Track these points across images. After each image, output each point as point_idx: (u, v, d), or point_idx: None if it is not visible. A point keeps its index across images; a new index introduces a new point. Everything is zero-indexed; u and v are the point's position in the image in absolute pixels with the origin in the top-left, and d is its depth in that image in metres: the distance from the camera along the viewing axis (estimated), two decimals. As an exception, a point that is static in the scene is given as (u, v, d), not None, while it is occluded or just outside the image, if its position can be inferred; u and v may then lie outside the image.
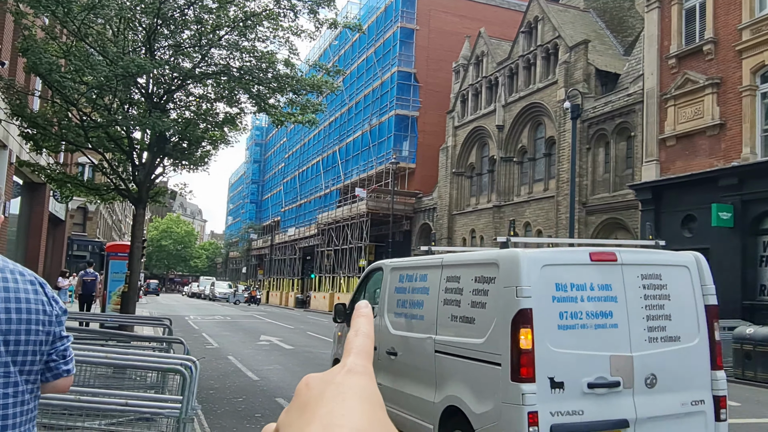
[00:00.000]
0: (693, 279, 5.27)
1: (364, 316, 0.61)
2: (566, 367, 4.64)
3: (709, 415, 5.10)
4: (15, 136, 14.41)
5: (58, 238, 26.64)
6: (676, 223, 20.08)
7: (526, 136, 31.57)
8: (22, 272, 1.81)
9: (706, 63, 19.74)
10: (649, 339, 4.95)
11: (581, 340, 4.74)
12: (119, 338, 8.25)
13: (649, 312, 4.99)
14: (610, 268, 4.99)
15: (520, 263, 4.76)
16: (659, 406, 4.87)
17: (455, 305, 5.56)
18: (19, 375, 1.73)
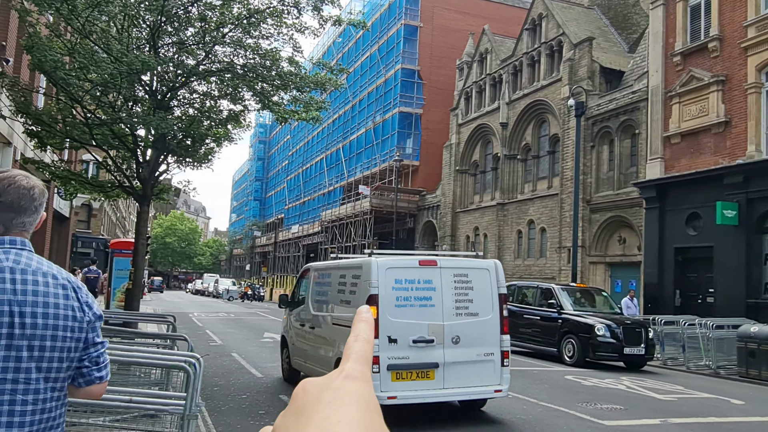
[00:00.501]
0: (491, 277, 8.18)
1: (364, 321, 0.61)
2: (399, 330, 7.47)
3: (497, 362, 7.94)
4: (20, 134, 14.44)
5: (62, 235, 26.70)
6: (681, 221, 20.02)
7: (530, 133, 31.50)
8: (55, 275, 1.76)
9: (711, 60, 19.67)
10: (456, 314, 7.80)
11: (410, 314, 7.59)
12: (123, 335, 8.27)
13: (457, 297, 7.85)
14: (432, 270, 7.88)
15: (372, 266, 7.63)
16: (461, 356, 7.69)
17: (342, 293, 8.62)
18: (44, 382, 1.67)
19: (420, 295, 7.71)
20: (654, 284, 20.81)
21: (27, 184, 1.81)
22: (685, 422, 8.53)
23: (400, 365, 7.47)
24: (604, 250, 25.45)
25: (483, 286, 8.09)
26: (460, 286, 7.95)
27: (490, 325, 7.98)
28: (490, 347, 7.93)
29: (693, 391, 11.45)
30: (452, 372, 7.64)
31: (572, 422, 8.18)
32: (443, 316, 7.72)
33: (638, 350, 14.38)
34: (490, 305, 8.06)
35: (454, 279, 7.94)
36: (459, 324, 7.79)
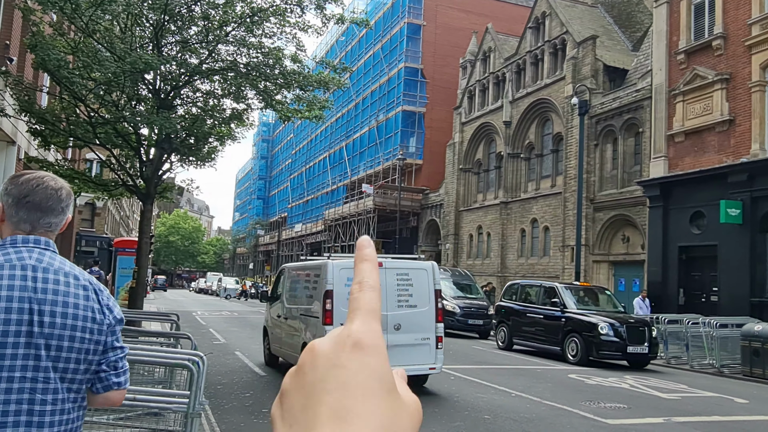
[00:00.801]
0: (428, 276, 9.81)
1: (367, 259, 0.54)
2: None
3: (432, 345, 9.53)
4: (23, 133, 14.47)
5: (66, 234, 26.75)
6: (685, 220, 19.98)
7: (533, 132, 31.46)
8: (77, 276, 1.75)
9: (715, 58, 19.61)
10: (398, 306, 9.39)
11: None
12: (127, 333, 8.28)
13: (399, 292, 9.45)
14: (383, 271, 9.25)
15: (328, 268, 9.37)
16: (402, 340, 9.22)
17: (307, 289, 10.41)
18: (60, 382, 1.66)
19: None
20: (658, 283, 20.77)
21: (55, 185, 1.81)
22: (688, 421, 8.51)
23: None
24: (607, 248, 25.41)
25: (421, 284, 9.81)
26: (402, 284, 9.68)
27: (427, 316, 9.71)
28: (426, 333, 9.65)
29: (697, 390, 11.43)
30: (394, 353, 8.99)
31: (576, 421, 8.17)
32: (387, 307, 9.30)
33: (642, 349, 14.36)
34: (427, 299, 9.78)
35: (396, 278, 9.62)
36: (400, 314, 9.49)
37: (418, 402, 0.52)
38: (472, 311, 21.89)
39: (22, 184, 1.76)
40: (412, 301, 9.60)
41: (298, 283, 11.20)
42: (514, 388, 10.49)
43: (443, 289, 20.58)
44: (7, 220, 1.75)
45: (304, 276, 10.89)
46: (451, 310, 21.82)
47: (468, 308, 21.93)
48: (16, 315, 1.61)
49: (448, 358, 14.73)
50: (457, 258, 36.53)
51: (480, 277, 31.85)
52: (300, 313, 10.50)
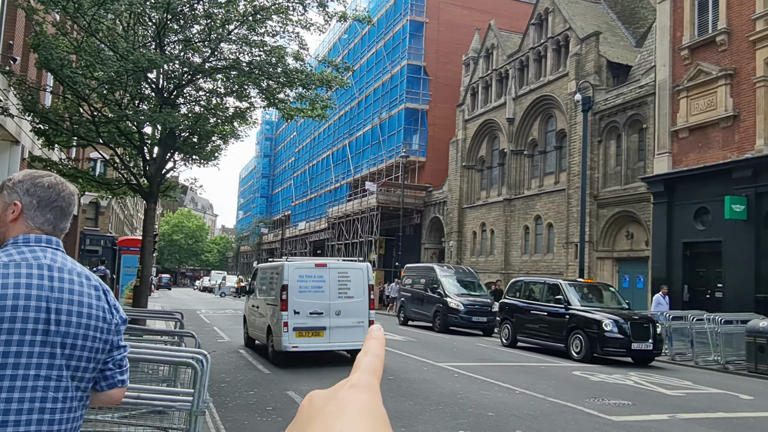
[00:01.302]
0: (364, 274, 12.48)
1: (375, 338, 0.62)
2: (301, 306, 11.72)
3: (365, 326, 11.75)
4: (27, 132, 14.50)
5: (70, 233, 26.82)
6: (689, 216, 19.93)
7: (536, 128, 31.41)
8: (88, 276, 1.80)
9: (719, 54, 19.53)
10: (338, 297, 12.05)
11: (308, 296, 11.82)
12: (131, 332, 8.30)
13: (339, 286, 12.08)
14: (323, 269, 12.17)
15: (285, 267, 12.00)
16: (341, 323, 11.89)
17: (270, 284, 13.03)
18: (71, 380, 1.69)
19: (315, 284, 12.14)
20: (662, 279, 20.72)
21: (72, 190, 1.89)
22: (693, 417, 8.50)
23: (301, 327, 11.88)
24: (611, 245, 25.36)
25: (357, 280, 12.46)
26: (342, 279, 12.34)
27: (362, 304, 12.33)
28: (361, 318, 12.21)
29: (701, 387, 11.41)
30: (335, 332, 12.07)
31: (580, 418, 8.17)
32: (329, 297, 12.13)
33: (646, 345, 14.34)
34: (362, 292, 12.43)
35: (338, 275, 12.36)
36: (340, 303, 12.18)
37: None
38: (476, 308, 21.88)
39: (49, 188, 1.82)
40: (350, 293, 12.35)
41: (264, 280, 13.86)
42: (518, 385, 10.49)
43: (447, 286, 22.12)
44: (27, 221, 1.79)
45: (269, 273, 13.52)
46: (454, 307, 21.84)
47: (472, 305, 21.92)
48: (33, 313, 1.63)
49: (451, 355, 14.75)
50: (461, 255, 36.52)
51: (484, 274, 31.83)
52: (266, 302, 13.14)
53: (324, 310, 12.04)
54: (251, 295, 15.00)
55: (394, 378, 10.84)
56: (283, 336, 11.79)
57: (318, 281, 12.20)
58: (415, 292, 24.83)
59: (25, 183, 1.82)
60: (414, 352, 14.87)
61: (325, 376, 11.09)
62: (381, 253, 42.73)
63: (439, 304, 22.49)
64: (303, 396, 8.19)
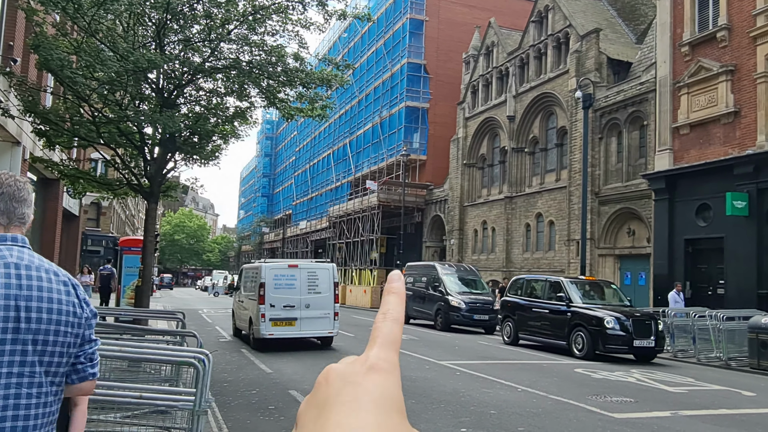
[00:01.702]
0: (330, 273, 14.78)
1: (394, 292, 0.56)
2: (276, 301, 14.05)
3: (331, 317, 14.36)
4: (28, 133, 14.51)
5: (72, 234, 26.84)
6: (691, 213, 19.91)
7: (537, 126, 31.38)
8: (56, 272, 1.81)
9: (719, 50, 19.50)
10: (308, 292, 14.34)
11: (282, 292, 14.14)
12: (134, 332, 8.31)
13: (309, 283, 14.37)
14: (295, 269, 14.53)
15: (262, 267, 14.48)
16: (310, 314, 14.24)
17: (251, 282, 15.15)
18: (44, 376, 1.71)
19: (288, 282, 14.42)
20: (664, 276, 20.72)
21: (21, 178, 1.90)
22: (696, 414, 8.50)
23: (276, 318, 14.15)
24: (613, 242, 25.35)
25: (324, 277, 14.79)
26: (311, 277, 14.65)
27: (328, 298, 14.59)
28: (327, 310, 14.55)
29: (704, 383, 11.41)
30: (305, 322, 14.42)
31: (582, 415, 8.17)
32: (300, 293, 14.44)
33: (648, 342, 14.33)
34: (328, 287, 14.71)
35: (307, 273, 14.67)
36: (309, 297, 14.45)
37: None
38: (478, 306, 21.88)
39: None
40: (318, 289, 14.62)
41: (248, 278, 16.20)
42: (520, 383, 10.49)
43: (448, 284, 22.40)
44: None
45: (251, 273, 15.89)
46: (456, 305, 21.84)
47: (473, 303, 21.93)
48: (2, 312, 1.65)
49: (453, 353, 14.76)
50: (462, 253, 36.51)
51: (485, 272, 31.82)
52: (248, 298, 15.42)
53: (296, 304, 14.39)
54: (237, 291, 17.65)
55: (396, 376, 10.83)
56: (261, 325, 14.14)
57: (291, 279, 14.57)
58: (416, 290, 24.83)
59: None
60: (416, 351, 14.88)
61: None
62: (382, 252, 42.72)
63: (441, 302, 22.49)
64: (305, 395, 8.20)
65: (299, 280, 14.55)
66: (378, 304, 4.32)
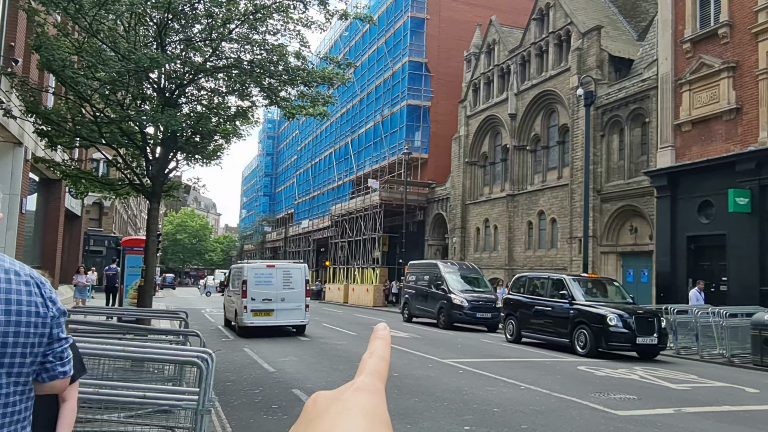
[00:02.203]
0: (302, 271, 17.81)
1: (380, 338, 0.62)
2: (256, 295, 16.96)
3: (302, 309, 17.28)
4: (30, 133, 14.53)
5: (74, 234, 26.88)
6: (693, 210, 19.89)
7: (539, 124, 31.36)
8: (17, 271, 1.76)
9: (721, 47, 19.47)
10: (283, 288, 17.26)
11: (261, 288, 17.03)
12: (137, 332, 8.32)
13: (284, 280, 17.31)
14: (272, 269, 17.61)
15: (244, 268, 17.67)
16: (285, 306, 17.15)
17: (237, 279, 18.02)
18: (6, 377, 1.68)
19: (266, 279, 17.25)
20: (666, 273, 20.70)
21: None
22: (699, 411, 8.49)
23: (256, 309, 16.92)
24: (615, 239, 25.33)
25: (297, 275, 17.67)
26: (286, 275, 17.48)
27: (300, 293, 17.39)
28: (300, 303, 17.37)
29: (707, 380, 11.40)
30: (281, 313, 17.19)
31: (585, 412, 8.17)
32: (276, 288, 17.18)
33: (651, 340, 14.33)
34: (300, 284, 17.50)
35: (282, 272, 17.51)
36: (284, 292, 17.22)
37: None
38: (480, 305, 21.88)
39: None
40: (291, 285, 17.45)
41: (234, 277, 18.98)
42: (523, 381, 10.49)
43: (450, 282, 23.63)
44: None
45: (236, 272, 18.82)
46: (459, 303, 21.84)
47: (476, 302, 21.92)
48: None
49: (455, 351, 14.77)
50: (465, 251, 36.51)
51: (487, 270, 31.81)
52: (235, 293, 18.15)
53: (273, 297, 17.22)
54: (226, 288, 21.00)
55: (399, 375, 10.85)
56: (244, 316, 17.05)
57: (269, 277, 17.37)
58: (419, 288, 24.84)
59: None
60: (418, 349, 14.88)
61: (332, 374, 11.11)
62: (385, 251, 42.72)
63: (443, 300, 22.49)
64: (308, 394, 8.16)
65: (276, 278, 17.42)
66: (380, 303, 4.34)
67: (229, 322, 19.50)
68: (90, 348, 4.58)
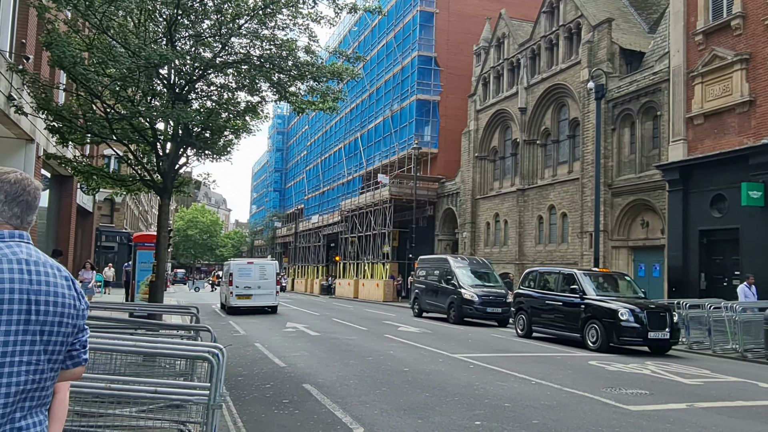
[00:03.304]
0: (273, 267, 25.75)
1: None
2: (240, 283, 24.34)
3: (273, 295, 24.91)
4: (42, 130, 14.61)
5: (86, 230, 27.06)
6: (705, 203, 19.73)
7: (549, 118, 31.20)
8: (59, 267, 1.96)
9: (734, 38, 19.26)
10: (260, 279, 24.68)
11: (243, 278, 24.41)
12: (148, 327, 8.36)
13: (260, 273, 24.94)
14: (252, 264, 25.77)
15: (231, 264, 25.89)
16: (261, 292, 24.51)
17: (227, 273, 26.14)
18: (47, 363, 1.87)
19: (247, 272, 24.40)
20: (678, 268, 20.57)
21: (37, 185, 2.05)
22: (712, 406, 8.43)
23: (240, 294, 23.95)
24: (626, 234, 25.18)
25: (270, 270, 24.96)
26: (261, 270, 24.55)
27: (272, 283, 24.64)
28: (272, 290, 24.62)
29: (720, 375, 11.32)
30: (257, 297, 24.11)
31: (597, 407, 8.13)
32: (254, 279, 24.25)
33: (663, 334, 14.24)
34: (272, 276, 24.76)
35: (259, 267, 24.69)
36: (260, 282, 24.28)
37: None
38: (491, 299, 21.84)
39: (15, 183, 1.98)
40: (266, 277, 24.45)
41: (226, 270, 25.53)
42: (534, 376, 10.46)
43: (461, 277, 23.40)
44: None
45: (226, 267, 25.58)
46: (469, 298, 21.81)
47: (486, 296, 21.89)
48: (17, 305, 1.81)
49: (466, 346, 14.76)
50: (475, 246, 36.44)
51: (498, 265, 31.74)
52: (225, 282, 25.08)
53: (252, 285, 24.29)
54: (222, 281, 28.74)
55: (410, 370, 10.85)
56: (230, 299, 24.32)
57: (249, 271, 24.68)
58: (429, 283, 24.82)
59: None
60: (429, 344, 14.88)
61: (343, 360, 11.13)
62: (395, 246, 42.72)
63: (454, 295, 22.47)
64: (319, 389, 8.21)
65: (254, 272, 24.68)
66: (390, 298, 4.31)
67: (223, 305, 26.64)
68: (102, 343, 4.60)
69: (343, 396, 8.47)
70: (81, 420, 4.71)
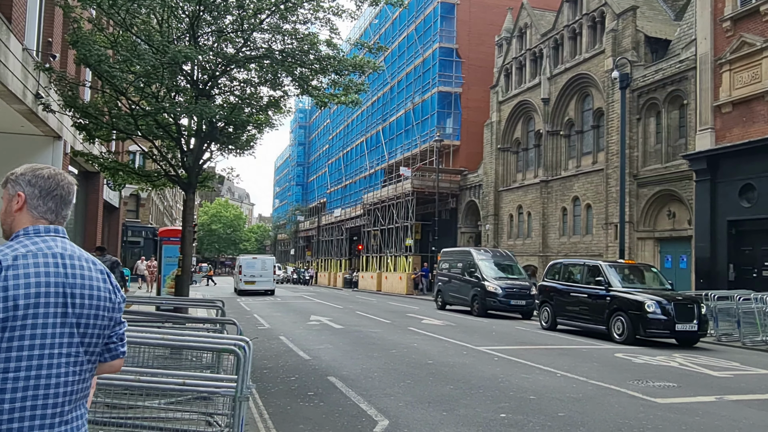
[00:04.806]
0: (272, 261, 38.42)
1: None
2: (246, 272, 36.02)
3: (271, 281, 36.84)
4: (68, 127, 14.84)
5: (113, 225, 27.45)
6: (734, 193, 19.38)
7: (573, 108, 30.85)
8: (94, 261, 2.00)
9: (763, 24, 18.84)
10: (261, 269, 36.18)
11: (250, 269, 36.24)
12: (175, 320, 8.47)
13: (262, 265, 36.60)
14: (257, 259, 37.90)
15: (241, 258, 38.37)
16: (262, 278, 36.08)
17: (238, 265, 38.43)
18: (85, 355, 1.91)
19: (252, 264, 36.28)
20: (706, 259, 20.25)
21: (71, 180, 2.09)
22: (742, 399, 8.31)
23: (247, 280, 35.41)
24: (652, 225, 24.85)
25: (269, 263, 37.18)
26: (263, 263, 36.67)
27: (270, 273, 36.52)
28: (270, 278, 36.28)
29: (750, 368, 11.14)
30: (260, 283, 35.52)
31: (624, 400, 8.06)
32: (258, 269, 35.96)
33: (690, 326, 14.05)
34: (270, 267, 36.74)
35: (261, 261, 37.09)
36: (261, 271, 35.90)
37: None
38: (514, 292, 21.74)
39: (49, 178, 2.02)
40: (266, 267, 36.16)
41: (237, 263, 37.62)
42: (559, 368, 10.39)
43: (484, 269, 23.07)
44: (31, 210, 1.99)
45: (238, 261, 38.11)
46: (492, 291, 21.73)
47: (510, 289, 21.79)
48: (53, 299, 1.84)
49: (490, 339, 14.71)
50: (498, 238, 36.26)
51: (521, 257, 31.55)
52: (237, 272, 37.61)
53: (255, 274, 35.25)
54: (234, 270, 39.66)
55: (434, 362, 10.85)
56: (240, 284, 35.42)
57: (254, 262, 36.15)
58: (452, 276, 24.77)
59: (27, 175, 2.02)
60: (453, 337, 14.86)
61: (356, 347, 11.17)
62: (417, 239, 42.68)
63: (477, 288, 22.40)
64: (344, 382, 8.24)
65: (257, 264, 35.83)
66: (413, 291, 4.33)
67: (235, 288, 37.41)
68: (131, 336, 4.67)
69: (367, 388, 8.50)
70: (111, 412, 4.80)
